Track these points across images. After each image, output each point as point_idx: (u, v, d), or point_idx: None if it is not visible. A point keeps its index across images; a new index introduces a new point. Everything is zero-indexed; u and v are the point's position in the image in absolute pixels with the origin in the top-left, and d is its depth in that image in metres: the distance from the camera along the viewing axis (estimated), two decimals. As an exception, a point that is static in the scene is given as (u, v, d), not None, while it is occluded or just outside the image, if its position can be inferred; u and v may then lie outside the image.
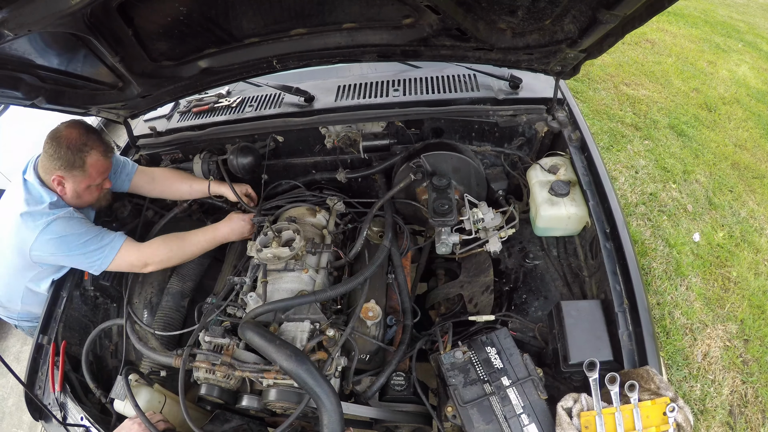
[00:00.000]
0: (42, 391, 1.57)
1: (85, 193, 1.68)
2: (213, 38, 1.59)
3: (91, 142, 1.62)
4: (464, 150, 1.92)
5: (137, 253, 1.68)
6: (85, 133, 1.62)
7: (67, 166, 1.59)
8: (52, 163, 1.59)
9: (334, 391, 1.30)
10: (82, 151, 1.59)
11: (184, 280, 1.93)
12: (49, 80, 1.53)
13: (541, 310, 1.65)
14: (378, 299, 1.73)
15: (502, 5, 1.29)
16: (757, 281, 3.20)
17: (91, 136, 1.63)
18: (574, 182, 1.71)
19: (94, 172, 1.64)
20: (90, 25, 1.29)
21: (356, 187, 2.27)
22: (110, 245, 1.63)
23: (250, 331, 1.41)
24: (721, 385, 2.64)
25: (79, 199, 1.69)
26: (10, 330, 3.45)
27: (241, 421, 1.64)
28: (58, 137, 1.59)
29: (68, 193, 1.64)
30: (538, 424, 1.20)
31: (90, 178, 1.64)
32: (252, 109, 2.20)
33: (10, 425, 2.93)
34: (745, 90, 5.33)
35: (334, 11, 1.48)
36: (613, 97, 4.96)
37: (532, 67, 1.61)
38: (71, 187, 1.63)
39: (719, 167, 4.13)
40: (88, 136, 1.62)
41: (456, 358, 1.37)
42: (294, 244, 1.72)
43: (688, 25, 6.78)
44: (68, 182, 1.62)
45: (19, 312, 1.92)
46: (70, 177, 1.61)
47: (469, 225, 1.74)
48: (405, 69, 2.21)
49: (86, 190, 1.68)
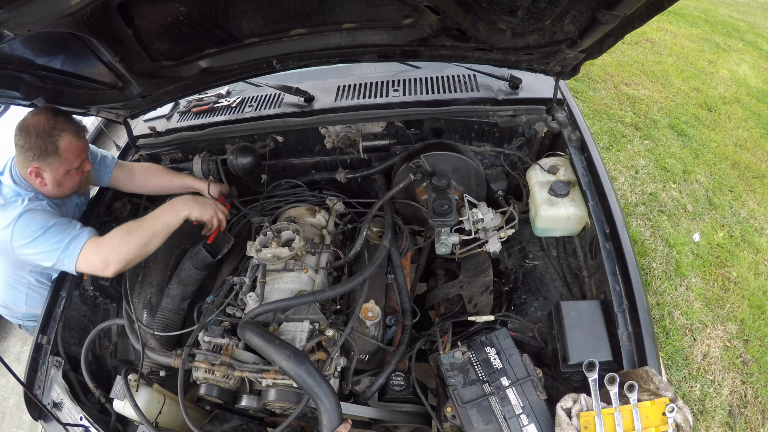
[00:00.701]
0: (42, 391, 1.58)
1: (65, 180, 1.61)
2: (213, 38, 1.58)
3: (60, 125, 1.54)
4: (464, 150, 1.92)
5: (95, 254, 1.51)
6: (52, 116, 1.54)
7: (40, 154, 1.52)
8: (26, 155, 1.53)
9: (333, 391, 1.30)
10: (52, 135, 1.52)
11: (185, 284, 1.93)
12: (49, 80, 1.53)
13: (541, 311, 1.65)
14: (377, 299, 1.73)
15: (502, 5, 1.29)
16: (757, 281, 3.20)
17: (60, 119, 1.55)
18: (573, 182, 1.71)
19: (70, 155, 1.57)
20: (90, 25, 1.29)
21: (356, 187, 2.27)
22: (75, 240, 1.50)
23: (250, 331, 1.41)
24: (721, 386, 2.64)
25: (60, 188, 1.63)
26: (10, 330, 3.46)
27: (240, 421, 1.64)
28: (26, 127, 1.52)
29: (48, 183, 1.58)
30: (538, 425, 1.20)
31: (67, 162, 1.57)
32: (252, 109, 2.20)
33: (10, 425, 2.93)
34: (746, 89, 5.33)
35: (334, 11, 1.48)
36: (613, 96, 4.96)
37: (532, 67, 1.61)
38: (50, 176, 1.57)
39: (719, 167, 4.13)
40: (56, 119, 1.54)
41: (455, 358, 1.37)
42: (293, 244, 1.72)
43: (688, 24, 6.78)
44: (46, 171, 1.56)
45: (24, 313, 1.93)
46: (46, 165, 1.54)
47: (468, 225, 1.74)
48: (405, 69, 2.20)
49: (66, 176, 1.61)
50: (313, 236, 1.89)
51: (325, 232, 1.93)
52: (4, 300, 1.89)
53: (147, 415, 1.51)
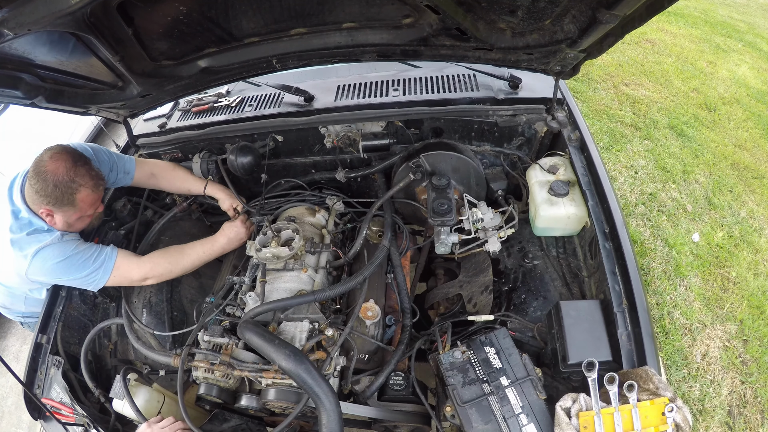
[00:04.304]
0: (41, 391, 1.57)
1: (76, 223, 1.61)
2: (213, 38, 1.58)
3: (80, 178, 1.51)
4: (464, 150, 1.92)
5: (136, 268, 1.66)
6: (72, 167, 1.50)
7: (55, 202, 1.50)
8: (40, 199, 1.50)
9: (332, 391, 1.30)
10: (70, 188, 1.50)
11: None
12: (49, 79, 1.53)
13: (540, 310, 1.65)
14: (377, 299, 1.73)
15: (502, 5, 1.29)
16: (757, 281, 3.20)
17: (80, 170, 1.52)
18: (573, 182, 1.71)
19: (85, 206, 1.57)
20: (90, 25, 1.29)
21: (356, 186, 2.27)
22: (104, 265, 1.59)
23: (249, 331, 1.41)
24: (720, 386, 2.64)
25: (70, 228, 1.62)
26: (10, 329, 3.45)
27: (239, 421, 1.64)
28: (44, 173, 1.48)
29: (58, 223, 1.57)
30: (537, 424, 1.20)
31: (81, 210, 1.57)
32: (251, 108, 2.20)
33: (9, 424, 2.92)
34: (745, 90, 5.33)
35: (334, 11, 1.48)
36: (613, 97, 4.96)
37: (532, 67, 1.61)
38: (61, 218, 1.56)
39: (719, 167, 4.13)
40: (76, 170, 1.51)
41: (455, 357, 1.37)
42: (293, 244, 1.72)
43: (688, 25, 6.78)
44: (58, 215, 1.55)
45: (24, 311, 1.94)
46: (60, 211, 1.54)
47: (468, 225, 1.74)
48: (405, 69, 2.20)
49: (78, 221, 1.61)
50: (312, 236, 1.89)
51: (325, 232, 1.93)
52: (2, 301, 1.89)
53: (146, 414, 1.51)
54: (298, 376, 1.29)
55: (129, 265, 1.65)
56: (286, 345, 1.36)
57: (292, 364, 1.30)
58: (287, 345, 1.36)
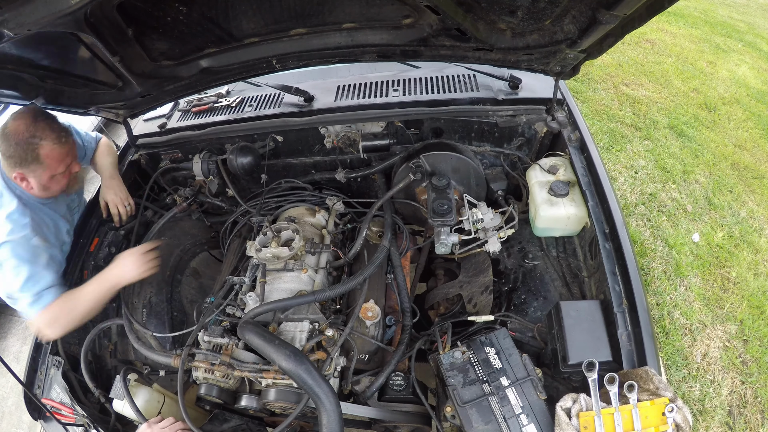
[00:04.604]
0: (41, 391, 1.57)
1: (51, 183, 1.57)
2: (213, 38, 1.58)
3: (40, 132, 1.48)
4: (464, 150, 1.92)
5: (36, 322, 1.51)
6: (32, 122, 1.47)
7: (21, 162, 1.48)
8: (8, 162, 1.50)
9: (333, 391, 1.30)
10: (31, 143, 1.46)
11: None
12: (49, 80, 1.53)
13: (541, 311, 1.65)
14: (377, 299, 1.73)
15: (502, 5, 1.29)
16: (757, 281, 3.20)
17: (40, 124, 1.48)
18: (573, 182, 1.71)
19: (53, 162, 1.52)
20: (90, 25, 1.29)
21: (356, 187, 2.27)
22: (38, 302, 1.48)
23: (249, 331, 1.41)
24: (721, 386, 2.64)
25: (47, 191, 1.59)
26: (10, 329, 3.45)
27: (240, 421, 1.64)
28: (7, 133, 1.47)
29: (34, 187, 1.55)
30: (537, 425, 1.20)
31: (50, 168, 1.53)
32: (251, 108, 2.20)
33: (9, 425, 2.92)
34: (745, 90, 5.33)
35: (334, 11, 1.48)
36: (613, 97, 4.96)
37: (532, 67, 1.61)
38: (34, 181, 1.53)
39: (719, 167, 4.13)
40: (35, 125, 1.47)
41: (455, 358, 1.37)
42: (293, 244, 1.72)
43: (688, 25, 6.78)
44: (29, 177, 1.52)
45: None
46: (29, 172, 1.51)
47: (468, 225, 1.74)
48: (405, 69, 2.20)
49: (51, 180, 1.57)
50: (312, 236, 1.89)
51: (325, 232, 1.93)
52: None
53: (146, 414, 1.51)
54: (299, 377, 1.29)
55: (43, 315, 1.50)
56: (287, 345, 1.36)
57: (292, 365, 1.30)
58: (287, 345, 1.36)
